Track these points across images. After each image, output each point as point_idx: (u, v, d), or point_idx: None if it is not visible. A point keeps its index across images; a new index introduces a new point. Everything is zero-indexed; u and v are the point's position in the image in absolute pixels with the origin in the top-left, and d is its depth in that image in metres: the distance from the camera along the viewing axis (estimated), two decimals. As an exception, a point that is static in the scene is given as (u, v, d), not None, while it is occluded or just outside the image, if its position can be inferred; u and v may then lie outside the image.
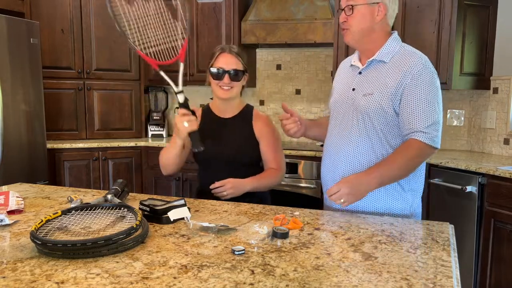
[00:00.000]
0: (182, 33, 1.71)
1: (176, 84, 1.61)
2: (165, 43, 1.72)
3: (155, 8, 1.75)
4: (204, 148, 1.63)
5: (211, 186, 1.81)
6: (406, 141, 1.61)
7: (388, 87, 1.62)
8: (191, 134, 1.62)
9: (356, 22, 1.64)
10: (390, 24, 1.71)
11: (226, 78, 1.85)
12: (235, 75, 1.86)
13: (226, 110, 1.97)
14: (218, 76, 1.86)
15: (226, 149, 1.90)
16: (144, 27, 1.72)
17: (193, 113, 1.64)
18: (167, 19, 1.74)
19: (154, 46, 1.71)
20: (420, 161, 1.62)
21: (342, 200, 1.51)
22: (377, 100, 1.63)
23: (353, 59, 1.78)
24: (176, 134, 1.74)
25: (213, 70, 1.87)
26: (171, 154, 1.87)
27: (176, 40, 1.72)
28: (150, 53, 1.68)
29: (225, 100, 1.92)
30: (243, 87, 1.96)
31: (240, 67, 1.88)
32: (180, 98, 1.62)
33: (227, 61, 1.86)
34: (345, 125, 1.72)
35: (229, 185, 1.79)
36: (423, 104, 1.57)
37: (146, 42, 1.71)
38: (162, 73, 1.63)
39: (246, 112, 1.98)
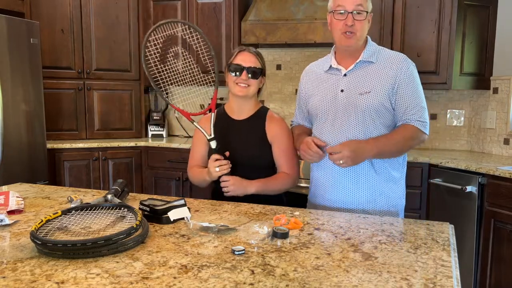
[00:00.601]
0: (209, 83, 1.91)
1: (209, 133, 1.78)
2: (196, 96, 1.98)
3: (185, 64, 1.97)
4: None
5: (221, 179, 1.81)
6: (402, 124, 1.74)
7: (384, 85, 1.73)
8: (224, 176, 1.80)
9: (364, 27, 1.74)
10: None
11: (244, 74, 1.86)
12: (253, 72, 1.87)
13: (241, 111, 1.95)
14: (236, 72, 1.87)
15: (239, 151, 1.88)
16: (177, 82, 1.94)
17: (225, 157, 1.80)
18: (197, 73, 1.97)
19: (186, 99, 1.96)
20: (414, 144, 1.76)
21: (341, 162, 1.63)
22: (376, 97, 1.72)
23: (332, 62, 1.82)
24: (207, 174, 1.84)
25: (232, 65, 1.89)
26: (201, 184, 1.99)
27: (206, 92, 1.98)
28: (183, 105, 1.91)
29: (241, 98, 1.91)
30: (259, 90, 1.96)
31: (258, 65, 1.89)
32: (213, 144, 1.79)
33: (245, 59, 1.88)
34: (339, 126, 1.75)
35: (231, 182, 1.79)
36: (416, 97, 1.75)
37: (180, 96, 1.97)
38: (195, 124, 1.81)
39: (260, 114, 1.96)
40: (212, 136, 1.77)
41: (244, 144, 1.91)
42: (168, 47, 1.98)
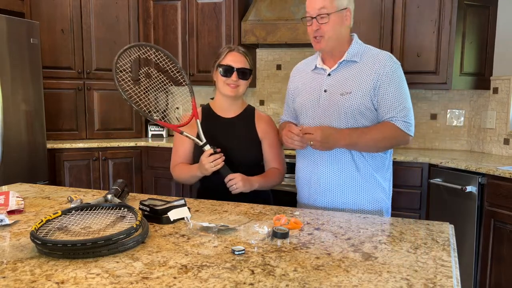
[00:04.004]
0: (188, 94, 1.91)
1: (200, 140, 1.79)
2: (178, 107, 1.94)
3: (158, 80, 1.98)
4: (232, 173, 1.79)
5: (226, 179, 1.78)
6: (384, 121, 1.71)
7: (366, 85, 1.70)
8: (221, 169, 1.78)
9: (330, 29, 1.71)
10: (351, 25, 1.80)
11: (234, 75, 1.86)
12: (243, 73, 1.88)
13: (229, 109, 1.97)
14: (226, 73, 1.87)
15: (229, 149, 1.88)
16: (155, 99, 1.89)
17: (215, 151, 1.77)
18: (171, 87, 1.98)
19: (169, 113, 1.91)
20: (392, 143, 1.74)
21: (311, 143, 1.66)
22: (357, 97, 1.70)
23: (317, 62, 1.84)
24: (199, 170, 1.82)
25: (222, 67, 1.88)
26: (189, 181, 1.95)
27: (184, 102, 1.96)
28: (168, 119, 1.94)
29: (231, 97, 1.92)
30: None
31: (247, 66, 1.90)
32: (207, 148, 1.78)
33: (235, 59, 1.88)
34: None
35: (240, 178, 1.78)
36: (399, 96, 1.70)
37: (162, 112, 1.93)
38: (185, 134, 1.80)
39: (248, 112, 1.99)
40: (204, 141, 1.77)
41: (235, 142, 1.92)
42: (136, 70, 2.04)
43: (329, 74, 1.78)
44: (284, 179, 2.03)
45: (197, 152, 1.86)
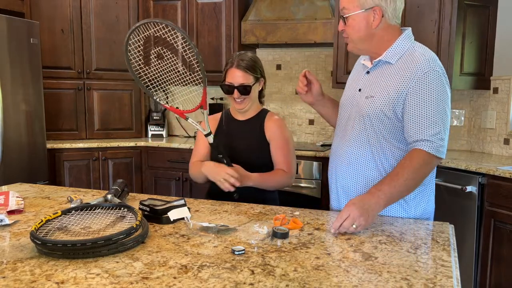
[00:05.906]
0: (199, 82, 1.85)
1: (204, 128, 1.75)
2: (185, 94, 1.97)
3: (170, 64, 1.89)
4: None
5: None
6: (409, 152, 1.50)
7: (390, 91, 1.53)
8: (220, 158, 1.76)
9: (352, 31, 1.58)
10: (395, 23, 1.60)
11: (236, 93, 1.90)
12: (243, 89, 1.90)
13: (242, 113, 2.02)
14: (228, 92, 1.92)
15: (237, 149, 1.92)
16: (165, 83, 1.90)
17: (228, 163, 1.75)
18: (183, 72, 1.92)
19: (177, 98, 1.89)
20: (426, 171, 1.50)
21: (354, 226, 1.32)
22: (378, 103, 1.55)
23: (362, 57, 1.72)
24: (205, 169, 1.84)
25: (223, 86, 1.94)
26: (199, 178, 1.96)
27: (194, 90, 1.95)
28: (174, 104, 1.88)
29: (240, 110, 1.98)
30: (261, 90, 2.01)
31: (248, 80, 1.90)
32: (210, 139, 1.76)
33: (234, 76, 1.90)
34: (347, 127, 1.67)
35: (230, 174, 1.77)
36: (428, 111, 1.47)
37: (169, 96, 1.86)
38: (190, 120, 1.77)
39: (260, 115, 2.01)
40: (208, 131, 1.76)
41: (244, 143, 1.95)
42: (149, 48, 1.95)
43: (367, 72, 1.64)
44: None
45: (213, 151, 1.86)
